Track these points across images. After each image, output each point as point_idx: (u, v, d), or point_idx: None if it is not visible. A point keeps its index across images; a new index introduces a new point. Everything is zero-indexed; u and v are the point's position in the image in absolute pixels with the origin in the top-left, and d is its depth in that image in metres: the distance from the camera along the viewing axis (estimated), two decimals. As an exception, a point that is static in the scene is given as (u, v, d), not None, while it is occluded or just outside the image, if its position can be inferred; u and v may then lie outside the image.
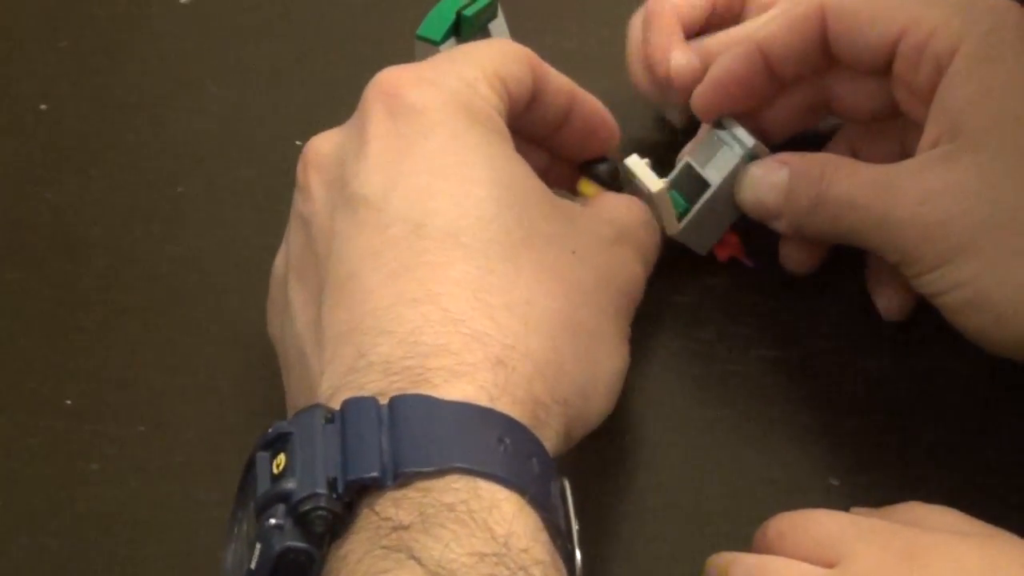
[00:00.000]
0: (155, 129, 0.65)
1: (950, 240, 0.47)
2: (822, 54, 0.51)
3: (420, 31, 0.56)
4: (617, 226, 0.48)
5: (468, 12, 0.56)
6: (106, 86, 0.67)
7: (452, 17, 0.56)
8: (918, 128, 0.50)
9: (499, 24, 0.58)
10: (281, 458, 0.37)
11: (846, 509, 0.48)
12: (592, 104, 0.51)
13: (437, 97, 0.44)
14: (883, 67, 0.50)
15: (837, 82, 0.53)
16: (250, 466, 0.38)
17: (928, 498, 0.47)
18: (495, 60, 0.47)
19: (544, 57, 0.50)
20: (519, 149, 0.46)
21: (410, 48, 0.56)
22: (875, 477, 0.49)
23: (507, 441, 0.38)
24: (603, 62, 0.63)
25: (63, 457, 0.50)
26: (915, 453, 0.50)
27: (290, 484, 0.36)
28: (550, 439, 0.40)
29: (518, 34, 0.58)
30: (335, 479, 0.36)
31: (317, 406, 0.38)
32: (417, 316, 0.40)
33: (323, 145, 0.46)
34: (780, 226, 0.52)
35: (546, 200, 0.45)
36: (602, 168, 0.52)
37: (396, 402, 0.37)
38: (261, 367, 0.45)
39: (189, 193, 0.61)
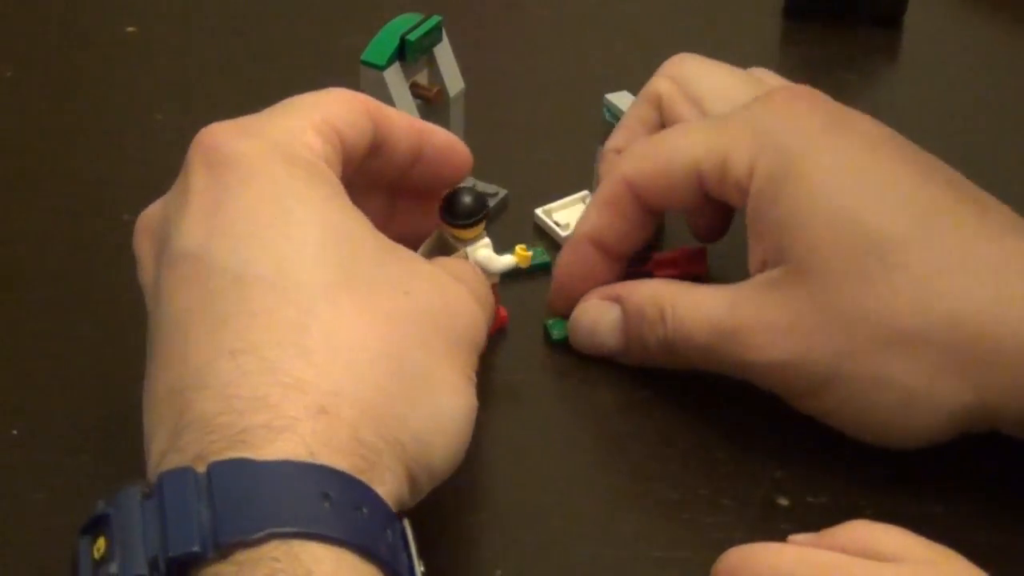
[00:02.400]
0: (101, 158, 0.64)
1: (809, 377, 0.48)
2: (649, 215, 0.53)
3: (365, 56, 0.56)
4: (453, 271, 0.46)
5: (412, 37, 0.56)
6: (52, 115, 0.67)
7: (396, 42, 0.56)
8: None
9: (444, 48, 0.58)
10: (101, 543, 0.36)
11: (795, 529, 0.48)
12: (441, 137, 0.50)
13: (256, 147, 0.43)
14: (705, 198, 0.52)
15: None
16: (74, 551, 0.37)
17: (878, 517, 0.48)
18: (326, 109, 0.46)
19: (490, 80, 0.50)
20: (362, 196, 0.45)
21: (356, 74, 0.56)
22: (824, 497, 0.50)
23: (331, 494, 0.37)
24: (548, 83, 0.64)
25: (8, 487, 0.50)
26: (865, 471, 0.50)
27: (112, 568, 0.35)
28: (387, 482, 0.39)
29: (463, 57, 0.59)
30: (156, 557, 0.35)
31: (133, 484, 0.37)
32: (234, 368, 0.39)
33: (151, 210, 0.46)
34: (627, 361, 0.53)
35: (374, 241, 0.44)
36: (464, 203, 0.50)
37: (213, 469, 0.36)
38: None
39: (134, 221, 0.60)
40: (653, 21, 0.51)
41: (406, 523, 0.39)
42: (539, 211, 0.60)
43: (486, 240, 0.51)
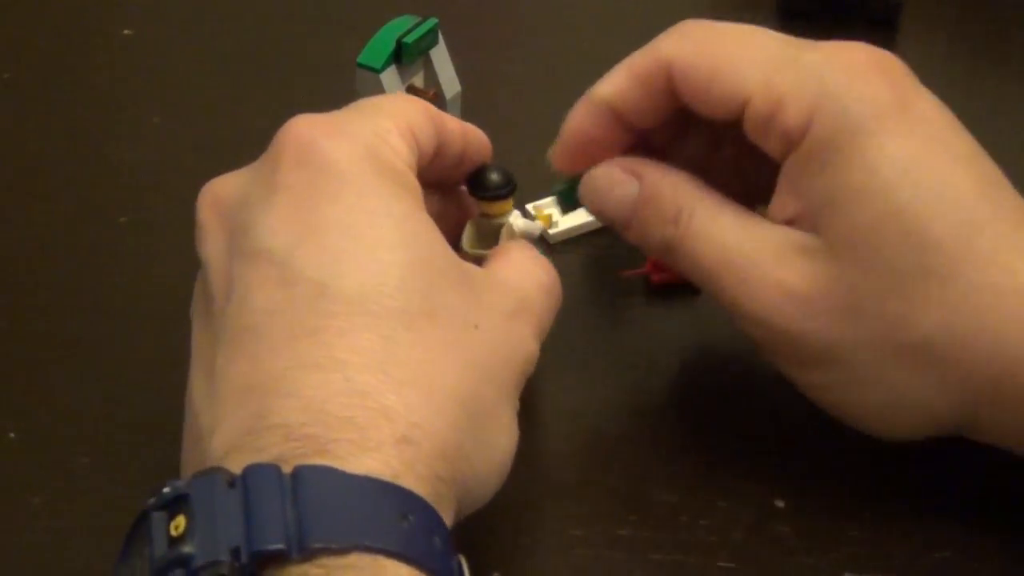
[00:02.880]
0: (97, 160, 0.64)
1: (802, 351, 0.47)
2: (675, 100, 0.49)
3: (361, 59, 0.56)
4: (517, 297, 0.46)
5: (408, 39, 0.56)
6: (48, 117, 0.67)
7: (392, 44, 0.56)
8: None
9: (440, 50, 0.58)
10: (180, 520, 0.36)
11: (793, 530, 0.48)
12: (478, 138, 0.50)
13: (350, 149, 0.43)
14: (737, 121, 0.48)
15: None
16: (138, 523, 0.37)
17: (875, 518, 0.48)
18: (406, 113, 0.46)
19: (486, 82, 0.50)
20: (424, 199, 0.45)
21: (351, 76, 0.56)
22: (822, 498, 0.50)
23: (411, 518, 0.37)
24: (545, 86, 0.64)
25: (5, 490, 0.50)
26: (863, 473, 0.50)
27: (189, 549, 0.35)
28: (446, 517, 0.39)
29: (459, 60, 0.59)
30: (238, 548, 0.35)
31: (217, 469, 0.37)
32: (321, 383, 0.39)
33: (224, 186, 0.45)
34: (626, 238, 0.50)
35: (453, 267, 0.44)
36: (493, 178, 0.51)
37: (300, 471, 0.36)
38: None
39: (131, 224, 0.61)
40: (649, 22, 0.51)
41: (462, 559, 0.39)
42: (530, 206, 0.60)
43: (516, 212, 0.51)
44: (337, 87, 0.48)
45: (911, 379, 0.45)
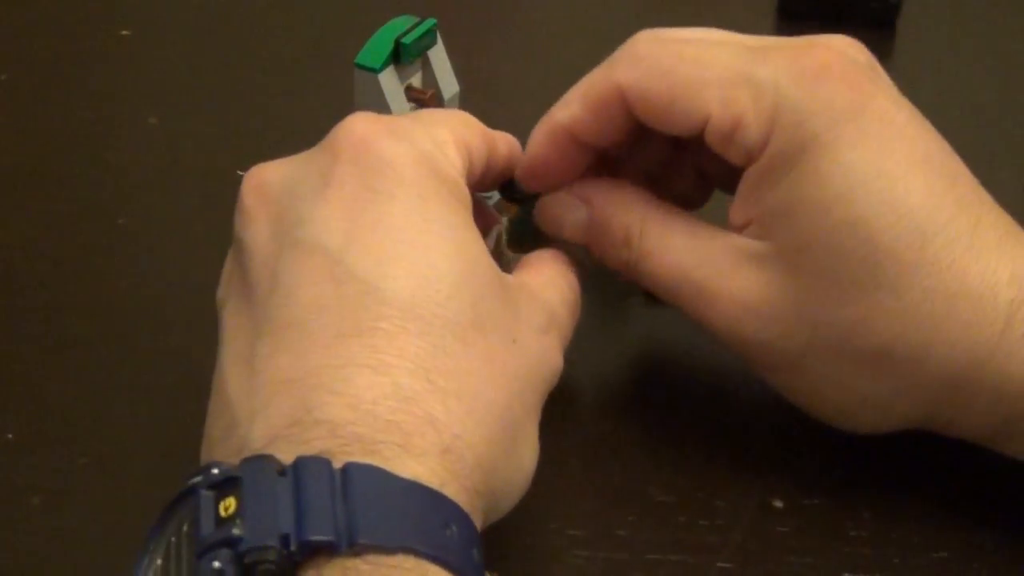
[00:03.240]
0: (95, 161, 0.64)
1: (772, 357, 0.47)
2: (633, 124, 0.49)
3: (359, 59, 0.56)
4: (548, 311, 0.47)
5: (407, 40, 0.56)
6: (46, 118, 0.67)
7: (391, 45, 0.56)
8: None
9: (438, 51, 0.58)
10: (230, 502, 0.36)
11: (790, 531, 0.48)
12: (519, 153, 0.50)
13: (407, 154, 0.43)
14: (698, 135, 0.48)
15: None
16: (180, 499, 0.37)
17: (874, 519, 0.48)
18: (460, 127, 0.46)
19: (485, 83, 0.50)
20: None
21: (350, 77, 0.56)
22: (819, 498, 0.50)
23: (453, 528, 0.37)
24: (543, 87, 0.64)
25: (4, 491, 0.50)
26: (860, 473, 0.50)
27: (238, 531, 0.35)
28: (477, 528, 0.40)
29: (458, 60, 0.59)
30: (287, 535, 0.35)
31: (267, 457, 0.37)
32: (370, 384, 0.39)
33: (272, 173, 0.45)
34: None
35: (496, 280, 0.44)
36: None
37: (350, 469, 0.37)
38: (204, 399, 0.45)
39: (130, 225, 0.61)
40: (646, 23, 0.51)
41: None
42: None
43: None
44: (335, 87, 0.48)
45: (870, 384, 0.46)
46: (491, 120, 0.51)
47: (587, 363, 0.54)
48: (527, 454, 0.43)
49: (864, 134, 0.46)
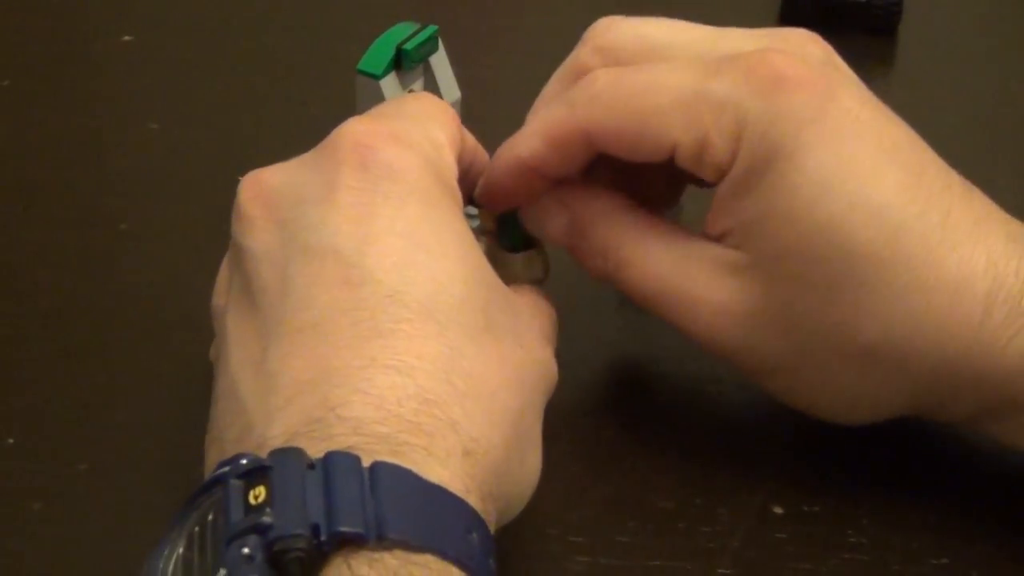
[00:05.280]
0: (97, 167, 0.64)
1: (757, 363, 0.48)
2: (596, 154, 0.49)
3: (361, 65, 0.56)
4: (544, 321, 0.47)
5: (408, 46, 0.56)
6: (48, 124, 0.67)
7: (393, 51, 0.56)
8: None
9: (440, 57, 0.58)
10: (260, 490, 0.36)
11: (791, 537, 0.48)
12: (483, 157, 0.50)
13: (414, 160, 0.43)
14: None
15: None
16: (206, 489, 0.37)
17: (874, 525, 0.48)
18: (448, 123, 0.46)
19: (486, 89, 0.50)
20: None
21: (351, 83, 0.56)
22: (820, 505, 0.50)
23: (474, 535, 0.37)
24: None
25: (4, 496, 0.50)
26: (861, 479, 0.50)
27: (268, 518, 0.35)
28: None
29: (459, 67, 0.59)
30: (317, 525, 0.35)
31: (298, 450, 0.37)
32: (392, 385, 0.39)
33: (271, 178, 0.45)
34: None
35: (500, 287, 0.45)
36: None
37: (379, 467, 0.37)
38: (205, 405, 0.45)
39: (131, 231, 0.61)
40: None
41: None
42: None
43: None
44: (337, 94, 0.48)
45: (859, 381, 0.46)
46: (492, 126, 0.51)
47: (587, 369, 0.54)
48: (534, 459, 0.44)
49: (828, 136, 0.45)
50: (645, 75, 0.48)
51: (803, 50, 0.48)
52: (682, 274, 0.48)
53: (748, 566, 0.47)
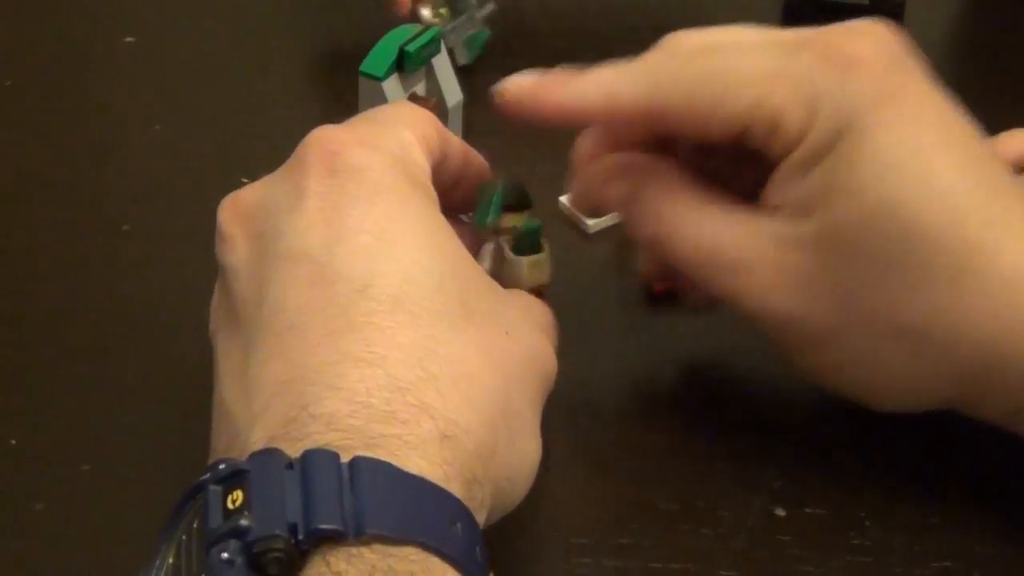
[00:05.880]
0: (100, 168, 0.64)
1: (804, 334, 0.47)
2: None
3: (364, 67, 0.56)
4: (538, 314, 0.48)
5: (411, 48, 0.56)
6: (50, 125, 0.67)
7: (395, 53, 0.56)
8: None
9: (442, 59, 0.58)
10: (238, 494, 0.36)
11: (794, 539, 0.48)
12: (479, 163, 0.50)
13: (380, 161, 0.44)
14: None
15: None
16: (189, 497, 0.38)
17: (877, 527, 0.48)
18: (420, 125, 0.47)
19: (488, 91, 0.50)
20: None
21: (354, 84, 0.56)
22: (822, 507, 0.50)
23: (458, 525, 0.38)
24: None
25: (7, 497, 0.50)
26: (864, 481, 0.50)
27: (246, 521, 0.36)
28: (480, 521, 0.40)
29: (460, 69, 0.59)
30: (295, 524, 0.36)
31: (275, 451, 0.37)
32: (363, 376, 0.39)
33: (246, 196, 0.45)
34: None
35: (481, 275, 0.45)
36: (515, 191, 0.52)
37: (357, 462, 0.37)
38: (207, 406, 0.45)
39: (134, 233, 0.61)
40: (650, 27, 0.51)
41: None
42: (563, 199, 0.61)
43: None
44: (339, 95, 0.48)
45: (904, 361, 0.46)
46: (494, 128, 0.52)
47: (589, 371, 0.54)
48: (530, 447, 0.44)
49: (899, 118, 0.46)
50: (721, 56, 0.48)
51: (879, 39, 0.48)
52: (737, 241, 0.48)
53: (751, 568, 0.47)
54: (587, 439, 0.52)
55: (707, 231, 0.48)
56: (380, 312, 0.41)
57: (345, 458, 0.37)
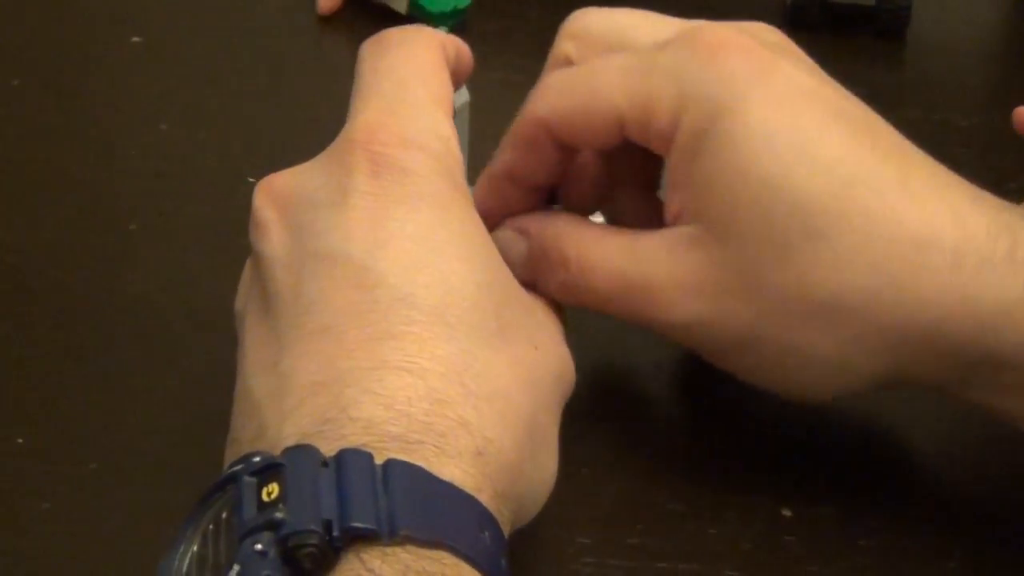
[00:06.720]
0: (107, 167, 0.64)
1: (719, 339, 0.47)
2: (567, 151, 0.50)
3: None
4: (561, 323, 0.48)
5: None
6: (57, 124, 0.67)
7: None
8: None
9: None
10: (273, 487, 0.36)
11: (800, 540, 0.48)
12: (467, 59, 0.51)
13: (424, 163, 0.44)
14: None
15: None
16: (220, 486, 0.38)
17: (883, 527, 0.48)
18: (444, 86, 0.47)
19: (495, 91, 0.50)
20: None
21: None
22: (829, 507, 0.50)
23: (487, 534, 0.38)
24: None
25: (14, 496, 0.50)
26: (870, 481, 0.50)
27: (281, 515, 0.36)
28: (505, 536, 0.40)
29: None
30: (330, 521, 0.36)
31: (311, 447, 0.37)
32: (403, 386, 0.39)
33: (285, 184, 0.45)
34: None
35: (516, 289, 0.45)
36: None
37: (392, 464, 0.37)
38: (214, 405, 0.45)
39: (141, 231, 0.61)
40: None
41: None
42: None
43: None
44: (348, 93, 0.48)
45: (825, 341, 0.45)
46: (503, 129, 0.52)
47: (595, 371, 0.54)
48: (549, 461, 0.44)
49: (771, 96, 0.46)
50: (592, 68, 0.49)
51: (757, 33, 0.48)
52: (640, 261, 0.48)
53: (757, 569, 0.47)
54: (594, 439, 0.52)
55: (615, 259, 0.48)
56: (420, 322, 0.40)
57: (379, 460, 0.37)
